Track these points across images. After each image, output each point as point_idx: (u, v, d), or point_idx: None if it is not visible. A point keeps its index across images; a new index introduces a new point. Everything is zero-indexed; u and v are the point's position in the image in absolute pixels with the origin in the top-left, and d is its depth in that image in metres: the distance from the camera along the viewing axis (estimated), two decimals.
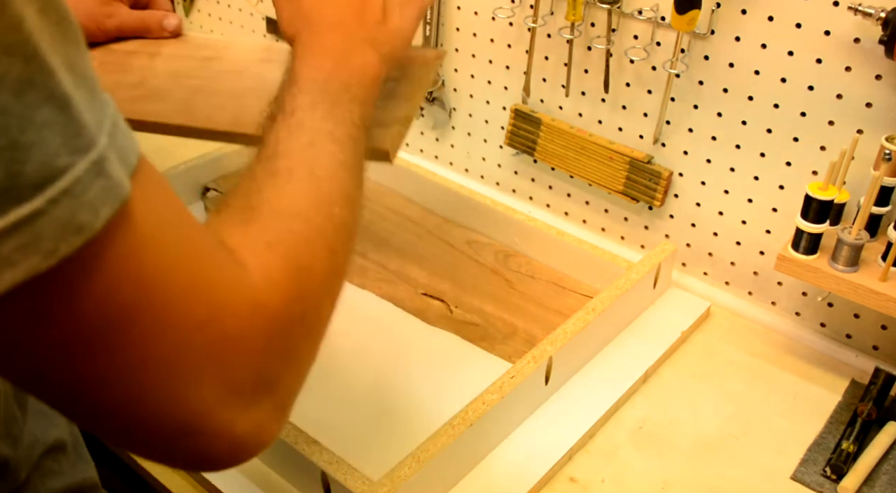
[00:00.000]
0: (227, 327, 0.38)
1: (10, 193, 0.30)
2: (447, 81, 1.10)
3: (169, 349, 0.36)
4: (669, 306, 0.91)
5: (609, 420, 0.78)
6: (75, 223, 0.32)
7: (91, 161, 0.32)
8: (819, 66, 0.78)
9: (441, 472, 0.67)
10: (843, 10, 0.74)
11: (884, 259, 0.76)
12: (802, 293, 0.88)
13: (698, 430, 0.77)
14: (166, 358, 0.36)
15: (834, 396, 0.81)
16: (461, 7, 1.04)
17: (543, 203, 1.07)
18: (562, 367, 0.78)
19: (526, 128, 1.03)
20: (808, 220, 0.76)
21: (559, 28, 0.94)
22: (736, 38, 0.82)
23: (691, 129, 0.90)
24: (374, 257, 0.97)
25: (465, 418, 0.68)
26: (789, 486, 0.72)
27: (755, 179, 0.87)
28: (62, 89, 0.32)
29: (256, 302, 0.40)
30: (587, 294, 0.91)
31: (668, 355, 0.86)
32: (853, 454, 0.73)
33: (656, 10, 0.86)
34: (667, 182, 0.93)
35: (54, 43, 0.32)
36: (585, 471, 0.73)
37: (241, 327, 0.39)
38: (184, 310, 0.36)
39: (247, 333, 0.39)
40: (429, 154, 1.18)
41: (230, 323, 0.38)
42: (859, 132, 0.78)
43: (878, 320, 0.83)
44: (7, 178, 0.30)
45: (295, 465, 0.68)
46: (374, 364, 0.81)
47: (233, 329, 0.38)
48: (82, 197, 0.32)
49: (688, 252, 0.96)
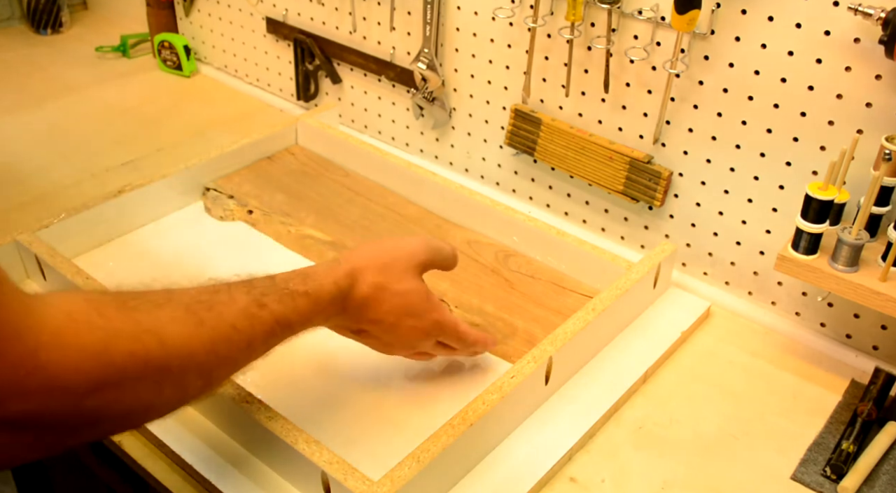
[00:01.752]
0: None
1: None
2: (447, 81, 1.10)
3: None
4: (669, 306, 0.91)
5: (609, 420, 0.78)
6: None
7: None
8: (819, 66, 0.78)
9: (441, 472, 0.67)
10: (843, 10, 0.74)
11: (884, 259, 0.76)
12: (802, 293, 0.88)
13: (698, 430, 0.77)
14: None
15: (834, 396, 0.81)
16: (461, 7, 1.04)
17: (543, 203, 1.07)
18: (562, 367, 0.78)
19: (526, 128, 1.03)
20: (808, 220, 0.76)
21: (559, 28, 0.94)
22: (736, 38, 0.82)
23: (691, 129, 0.90)
24: None
25: (465, 418, 0.68)
26: (789, 486, 0.72)
27: (755, 179, 0.87)
28: None
29: (32, 350, 0.40)
30: (587, 294, 0.91)
31: (668, 355, 0.86)
32: (853, 454, 0.73)
33: (656, 10, 0.86)
34: (667, 182, 0.93)
35: None
36: (585, 471, 0.73)
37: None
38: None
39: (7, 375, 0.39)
40: (429, 154, 1.18)
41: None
42: (859, 132, 0.78)
43: (878, 320, 0.83)
44: None
45: (295, 465, 0.68)
46: (373, 364, 0.81)
47: None
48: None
49: (688, 252, 0.96)
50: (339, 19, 1.20)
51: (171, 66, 1.43)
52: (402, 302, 0.70)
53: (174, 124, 1.28)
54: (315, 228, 1.01)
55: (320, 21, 1.23)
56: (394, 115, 1.20)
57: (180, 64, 1.41)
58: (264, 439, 0.69)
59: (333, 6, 1.19)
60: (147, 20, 1.45)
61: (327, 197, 1.07)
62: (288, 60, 1.30)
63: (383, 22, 1.14)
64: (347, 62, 1.21)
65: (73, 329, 0.42)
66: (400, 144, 1.22)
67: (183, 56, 1.40)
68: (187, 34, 1.45)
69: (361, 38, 1.18)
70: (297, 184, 1.09)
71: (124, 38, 1.48)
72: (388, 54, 1.15)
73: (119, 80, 1.41)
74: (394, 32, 1.13)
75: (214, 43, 1.42)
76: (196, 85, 1.41)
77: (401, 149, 1.21)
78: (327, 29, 1.22)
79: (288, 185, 1.09)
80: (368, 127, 1.25)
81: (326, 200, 1.06)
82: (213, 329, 0.53)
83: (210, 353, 0.53)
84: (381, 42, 1.16)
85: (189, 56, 1.41)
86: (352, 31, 1.19)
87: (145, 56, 1.49)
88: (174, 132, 1.25)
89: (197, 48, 1.45)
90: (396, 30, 1.13)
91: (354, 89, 1.24)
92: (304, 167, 1.13)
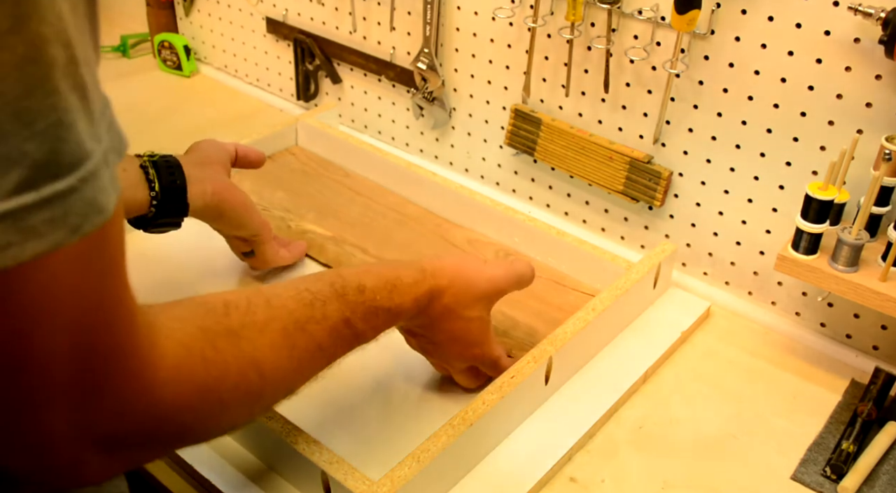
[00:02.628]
0: (108, 389, 0.39)
1: (49, 169, 0.32)
2: (447, 81, 1.10)
3: (42, 377, 0.36)
4: (669, 306, 0.91)
5: (609, 420, 0.78)
6: (98, 204, 0.34)
7: (103, 150, 0.34)
8: (819, 66, 0.78)
9: (441, 472, 0.67)
10: (843, 10, 0.74)
11: (884, 259, 0.76)
12: (802, 293, 0.88)
13: (698, 430, 0.77)
14: (35, 383, 0.36)
15: (834, 396, 0.81)
16: (461, 7, 1.04)
17: (543, 203, 1.07)
18: (562, 367, 0.78)
19: (526, 128, 1.03)
20: (808, 220, 0.76)
21: (559, 28, 0.94)
22: (736, 38, 0.82)
23: (691, 129, 0.90)
24: (375, 253, 0.97)
25: (465, 418, 0.68)
26: (789, 486, 0.72)
27: (755, 179, 0.87)
28: (83, 79, 0.34)
29: (149, 385, 0.41)
30: (587, 293, 0.91)
31: (668, 355, 0.86)
32: (853, 454, 0.73)
33: (656, 10, 0.86)
34: (667, 182, 0.93)
35: (79, 34, 0.34)
36: (585, 471, 0.73)
37: (123, 398, 0.40)
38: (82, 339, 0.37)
39: (126, 403, 0.40)
40: (429, 154, 1.18)
41: (112, 388, 0.39)
42: (859, 132, 0.78)
43: (878, 320, 0.83)
44: (49, 153, 0.32)
45: (295, 465, 0.68)
46: (373, 364, 0.81)
47: (114, 391, 0.39)
48: (100, 181, 0.34)
49: (688, 252, 0.96)
50: (339, 19, 1.20)
51: (171, 66, 1.43)
52: (463, 327, 0.71)
53: (174, 124, 1.27)
54: (316, 223, 1.01)
55: (320, 21, 1.23)
56: (394, 115, 1.20)
57: (180, 64, 1.41)
58: (264, 438, 0.69)
59: (333, 6, 1.19)
60: (147, 20, 1.45)
61: (328, 195, 1.07)
62: (288, 60, 1.30)
63: (383, 22, 1.14)
64: (347, 62, 1.21)
65: (189, 366, 0.44)
66: (400, 144, 1.22)
67: (183, 56, 1.40)
68: (187, 34, 1.45)
69: (361, 38, 1.18)
70: (297, 182, 1.09)
71: (124, 38, 1.48)
72: (388, 54, 1.15)
73: (119, 81, 1.41)
74: (394, 32, 1.13)
75: (214, 43, 1.42)
76: (196, 85, 1.41)
77: (401, 149, 1.21)
78: (327, 29, 1.22)
79: (288, 183, 1.09)
80: (368, 127, 1.25)
81: (327, 198, 1.06)
82: (304, 351, 0.55)
83: (297, 373, 0.56)
84: (381, 42, 1.16)
85: (189, 56, 1.41)
86: (352, 31, 1.19)
87: (145, 56, 1.49)
88: (174, 132, 1.25)
89: (197, 48, 1.45)
90: (396, 30, 1.13)
91: (354, 89, 1.24)
92: (305, 167, 1.13)
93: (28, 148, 0.31)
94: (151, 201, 0.76)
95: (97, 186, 0.33)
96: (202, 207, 0.81)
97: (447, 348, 0.73)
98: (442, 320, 0.69)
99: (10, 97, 0.30)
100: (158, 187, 0.76)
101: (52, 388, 0.36)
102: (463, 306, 0.70)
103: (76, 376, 0.37)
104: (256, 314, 0.51)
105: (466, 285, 0.70)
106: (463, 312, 0.70)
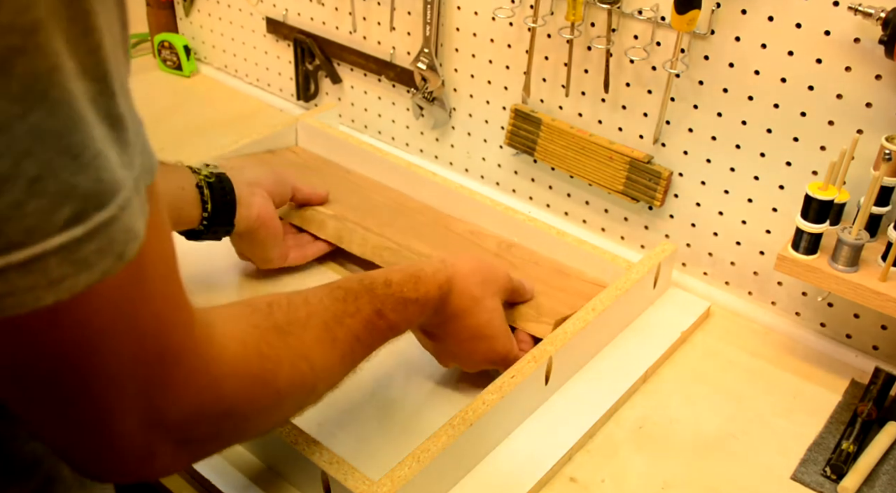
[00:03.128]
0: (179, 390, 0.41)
1: (95, 199, 0.33)
2: (447, 81, 1.10)
3: (115, 385, 0.38)
4: (669, 306, 0.91)
5: (609, 420, 0.78)
6: (135, 230, 0.35)
7: (133, 178, 0.35)
8: (819, 66, 0.78)
9: (441, 472, 0.67)
10: (843, 10, 0.74)
11: (884, 259, 0.76)
12: (802, 293, 0.88)
13: (698, 430, 0.77)
14: (106, 390, 0.38)
15: (834, 396, 0.81)
16: (461, 7, 1.04)
17: (543, 203, 1.07)
18: (562, 367, 0.78)
19: (526, 128, 1.03)
20: (808, 220, 0.76)
21: (559, 28, 0.94)
22: (736, 38, 0.82)
23: (691, 129, 0.90)
24: (378, 232, 0.96)
25: (465, 418, 0.68)
26: (789, 486, 0.72)
27: (755, 179, 0.87)
28: (119, 110, 0.34)
29: (212, 379, 0.43)
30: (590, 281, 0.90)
31: (668, 355, 0.86)
32: (853, 454, 0.73)
33: (656, 10, 0.86)
34: (667, 182, 0.93)
35: (117, 64, 0.34)
36: (585, 471, 0.73)
37: (189, 396, 0.42)
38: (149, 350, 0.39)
39: (191, 401, 0.42)
40: (429, 154, 1.18)
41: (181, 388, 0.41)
42: (859, 132, 0.78)
43: (878, 320, 0.83)
44: (94, 183, 0.32)
45: (295, 465, 0.68)
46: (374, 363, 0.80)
47: (183, 394, 0.42)
48: (133, 207, 0.35)
49: (688, 252, 0.96)
50: (339, 19, 1.20)
51: (171, 66, 1.43)
52: (487, 319, 0.73)
53: (174, 124, 1.28)
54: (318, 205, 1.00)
55: (320, 21, 1.23)
56: (394, 115, 1.20)
57: (180, 64, 1.41)
58: (264, 439, 0.69)
59: (333, 6, 1.19)
60: (147, 20, 1.45)
61: (329, 183, 1.05)
62: (288, 60, 1.30)
63: (383, 22, 1.14)
64: (347, 62, 1.21)
65: (246, 360, 0.46)
66: (400, 144, 1.22)
67: (183, 56, 1.40)
68: (187, 34, 1.45)
69: (361, 38, 1.18)
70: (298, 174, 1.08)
71: None
72: (388, 54, 1.15)
73: None
74: (394, 32, 1.13)
75: (214, 43, 1.42)
76: (196, 85, 1.41)
77: (401, 149, 1.21)
78: (327, 29, 1.22)
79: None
80: (368, 127, 1.25)
81: (328, 185, 1.04)
82: (345, 344, 0.58)
83: (341, 366, 0.59)
84: (381, 42, 1.16)
85: (189, 56, 1.41)
86: (352, 31, 1.19)
87: (145, 56, 1.49)
88: (174, 132, 1.25)
89: (197, 48, 1.45)
90: (396, 30, 1.13)
91: (354, 89, 1.24)
92: (306, 164, 1.13)
93: (77, 181, 0.32)
94: (202, 220, 0.81)
95: (132, 212, 0.34)
96: (244, 230, 0.86)
97: (473, 346, 0.74)
98: (469, 313, 0.71)
99: (58, 133, 0.31)
100: (211, 208, 0.81)
101: (123, 394, 0.38)
102: (486, 296, 0.73)
103: (144, 380, 0.39)
104: (298, 312, 0.54)
105: (487, 276, 0.74)
106: (487, 301, 0.72)
